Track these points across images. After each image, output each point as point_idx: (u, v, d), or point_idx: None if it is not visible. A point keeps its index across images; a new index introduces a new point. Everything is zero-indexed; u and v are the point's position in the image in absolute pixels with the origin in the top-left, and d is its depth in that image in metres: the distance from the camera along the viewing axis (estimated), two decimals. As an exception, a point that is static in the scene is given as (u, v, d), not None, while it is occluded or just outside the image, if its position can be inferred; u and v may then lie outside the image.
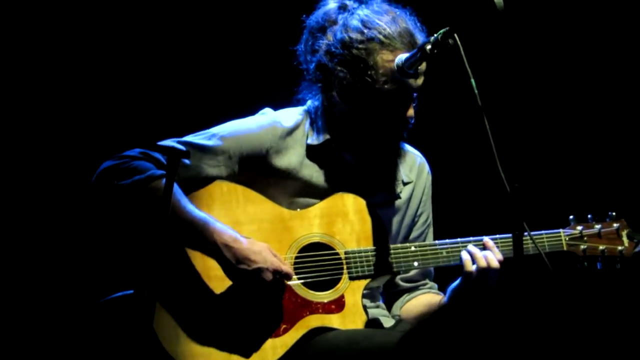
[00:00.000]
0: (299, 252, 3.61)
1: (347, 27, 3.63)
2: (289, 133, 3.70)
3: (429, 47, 3.34)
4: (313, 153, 3.71)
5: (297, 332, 3.53)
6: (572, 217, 3.86)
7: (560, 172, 5.09)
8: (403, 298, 3.89)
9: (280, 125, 3.69)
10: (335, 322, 3.56)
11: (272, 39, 4.61)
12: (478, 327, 3.39)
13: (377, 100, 3.59)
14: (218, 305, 3.50)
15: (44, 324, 4.51)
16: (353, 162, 3.73)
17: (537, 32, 5.04)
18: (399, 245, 3.70)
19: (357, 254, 3.63)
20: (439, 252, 3.70)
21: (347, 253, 3.63)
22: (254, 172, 3.65)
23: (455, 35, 3.23)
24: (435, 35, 3.33)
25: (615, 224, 3.86)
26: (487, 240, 3.69)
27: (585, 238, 3.83)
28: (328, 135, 3.69)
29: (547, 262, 3.28)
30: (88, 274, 4.56)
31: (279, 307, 3.55)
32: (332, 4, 3.72)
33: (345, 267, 3.62)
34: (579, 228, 3.84)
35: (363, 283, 3.63)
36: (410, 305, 3.86)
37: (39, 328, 4.51)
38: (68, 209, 4.60)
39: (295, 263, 3.60)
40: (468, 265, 3.63)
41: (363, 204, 3.68)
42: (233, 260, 3.47)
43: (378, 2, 3.68)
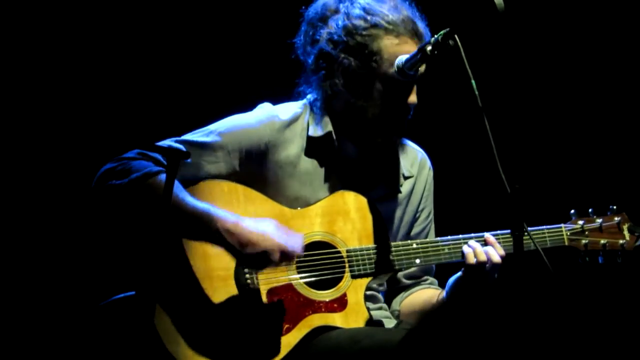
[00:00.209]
0: (301, 250, 3.61)
1: (349, 15, 3.63)
2: (288, 125, 3.69)
3: (430, 48, 3.34)
4: (313, 145, 3.70)
5: (299, 331, 3.53)
6: (573, 211, 3.87)
7: (561, 166, 5.09)
8: (403, 294, 3.89)
9: (279, 119, 3.68)
10: (338, 320, 3.57)
11: (269, 35, 4.59)
12: (478, 323, 3.41)
13: (381, 86, 3.59)
14: (220, 306, 3.50)
15: (46, 327, 4.52)
16: (354, 154, 3.73)
17: (537, 32, 5.03)
18: (400, 243, 3.70)
19: (358, 252, 3.63)
20: (441, 248, 3.71)
21: (349, 251, 3.63)
22: (254, 166, 3.64)
23: (456, 36, 3.23)
24: (436, 36, 3.32)
25: (617, 218, 3.87)
26: (488, 236, 3.70)
27: (587, 232, 3.83)
28: (330, 127, 3.69)
29: (546, 260, 3.27)
30: (89, 277, 4.56)
31: (282, 306, 3.55)
32: None
33: (347, 265, 3.62)
34: (580, 222, 3.84)
35: (365, 281, 3.63)
36: (410, 301, 3.87)
37: (41, 330, 4.51)
38: (70, 212, 4.60)
39: (297, 262, 3.59)
40: (470, 259, 3.63)
41: (364, 202, 3.67)
42: (237, 246, 3.46)
43: None
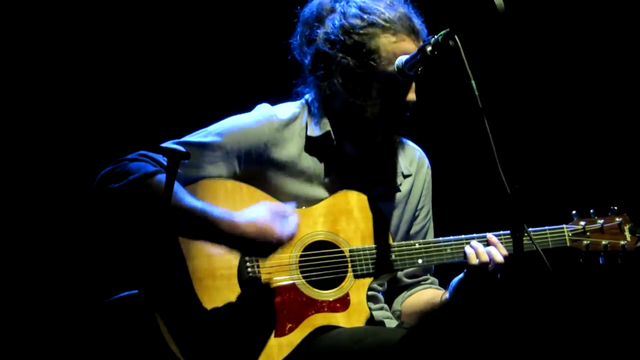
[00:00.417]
0: (304, 250, 3.62)
1: (345, 14, 3.65)
2: (286, 125, 3.69)
3: (430, 48, 3.34)
4: (312, 145, 3.71)
5: (302, 330, 3.54)
6: (574, 212, 3.87)
7: (563, 167, 5.09)
8: (404, 294, 3.89)
9: (277, 119, 3.69)
10: (341, 320, 3.58)
11: (267, 35, 4.59)
12: (479, 323, 3.42)
13: (380, 84, 3.61)
14: (224, 305, 3.51)
15: (51, 324, 4.54)
16: (353, 153, 3.74)
17: (537, 33, 5.03)
18: (403, 243, 3.71)
19: (361, 252, 3.64)
20: (443, 249, 3.72)
21: (351, 251, 3.64)
22: (254, 166, 3.64)
23: (456, 37, 3.23)
24: (436, 37, 3.33)
25: (618, 219, 3.87)
26: (490, 237, 3.70)
27: (588, 233, 3.84)
28: (328, 127, 3.69)
29: (546, 261, 3.28)
30: (92, 276, 4.58)
31: (284, 305, 3.57)
32: None
33: (350, 265, 3.63)
34: (582, 223, 3.85)
35: (368, 281, 3.64)
36: (411, 301, 3.87)
37: (46, 328, 4.53)
38: (72, 212, 4.61)
39: (300, 261, 3.61)
40: (472, 259, 3.63)
41: (366, 201, 3.69)
42: (236, 241, 3.45)
43: None
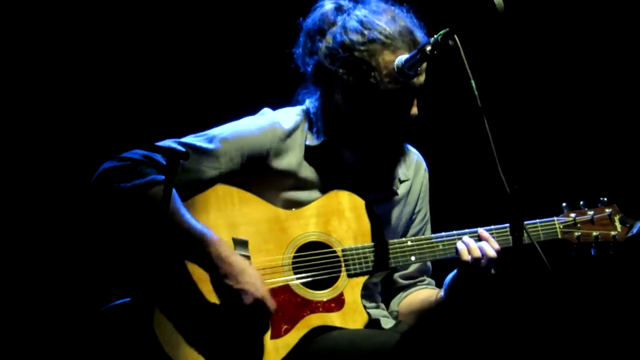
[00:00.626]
0: (297, 251, 3.60)
1: (346, 28, 3.59)
2: (289, 135, 3.67)
3: (429, 48, 3.32)
4: (311, 154, 3.68)
5: (298, 332, 3.52)
6: (564, 204, 3.88)
7: (551, 159, 5.11)
8: (401, 294, 3.89)
9: (280, 127, 3.66)
10: (336, 320, 3.56)
11: (270, 40, 4.55)
12: (476, 322, 3.42)
13: (381, 101, 3.57)
14: (219, 309, 3.48)
15: (46, 333, 4.49)
16: (351, 161, 3.72)
17: (536, 33, 5.03)
18: (396, 241, 3.70)
19: (354, 251, 3.63)
20: (435, 245, 3.71)
21: (344, 251, 3.63)
22: (254, 173, 3.62)
23: (456, 37, 3.22)
24: (435, 37, 3.31)
25: (608, 210, 3.88)
26: (482, 232, 3.70)
27: (579, 225, 3.85)
28: (327, 136, 3.67)
29: (543, 257, 3.29)
30: (88, 283, 4.52)
31: (279, 307, 3.53)
32: (328, 5, 3.68)
33: (343, 264, 3.62)
34: (572, 215, 3.85)
35: (362, 280, 3.63)
36: (408, 301, 3.86)
37: (41, 337, 4.49)
38: (69, 216, 4.56)
39: (294, 263, 3.59)
40: (464, 256, 3.63)
41: (358, 201, 3.67)
42: (222, 275, 3.43)
43: (375, 1, 3.65)
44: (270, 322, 3.51)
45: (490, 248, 3.64)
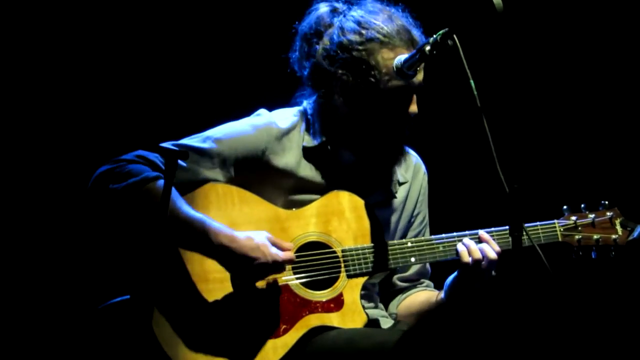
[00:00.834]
0: (296, 251, 3.59)
1: (343, 29, 3.60)
2: (285, 134, 3.67)
3: (428, 48, 3.32)
4: (309, 154, 3.69)
5: (297, 332, 3.52)
6: (565, 207, 3.87)
7: (553, 162, 5.10)
8: (399, 297, 3.88)
9: (276, 126, 3.66)
10: (335, 320, 3.56)
11: (267, 42, 4.56)
12: (475, 323, 3.41)
13: (381, 99, 3.57)
14: (218, 308, 3.48)
15: (45, 330, 4.50)
16: (350, 162, 3.72)
17: (535, 33, 5.03)
18: (396, 242, 3.69)
19: (354, 252, 3.62)
20: (436, 246, 3.70)
21: (344, 251, 3.62)
22: (250, 173, 3.62)
23: (455, 36, 3.21)
24: (435, 36, 3.31)
25: (609, 213, 3.87)
26: (482, 233, 3.69)
27: (580, 228, 3.84)
28: (325, 137, 3.67)
29: (543, 259, 3.27)
30: (86, 280, 4.54)
31: (278, 307, 3.54)
32: (323, 8, 3.68)
33: (343, 265, 3.61)
34: (573, 218, 3.84)
35: (361, 280, 3.62)
36: (407, 303, 3.86)
37: (40, 334, 4.50)
38: (68, 215, 4.56)
39: (293, 263, 3.58)
40: (465, 257, 3.62)
41: (358, 202, 3.66)
42: (232, 260, 3.45)
43: (371, 1, 3.66)
44: (270, 321, 3.52)
45: (491, 250, 3.63)
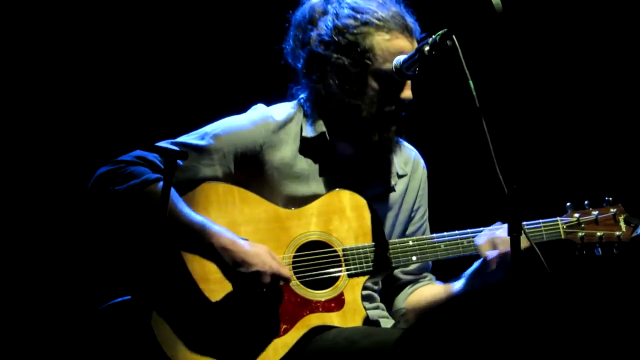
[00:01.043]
0: (297, 251, 3.59)
1: (338, 15, 3.62)
2: (282, 126, 3.67)
3: (427, 48, 3.32)
4: (307, 146, 3.68)
5: (297, 331, 3.52)
6: (569, 204, 3.84)
7: (556, 159, 5.09)
8: (405, 291, 3.87)
9: (273, 120, 3.66)
10: (336, 320, 3.55)
11: (261, 36, 4.53)
12: (476, 321, 3.40)
13: (375, 82, 3.57)
14: (218, 308, 3.48)
15: (45, 331, 4.50)
16: (348, 154, 3.70)
17: (534, 33, 5.01)
18: (397, 241, 3.68)
19: (355, 251, 3.62)
20: (437, 245, 3.69)
21: (345, 250, 3.62)
22: (250, 168, 3.62)
23: (454, 37, 3.20)
24: (434, 37, 3.30)
25: (612, 209, 3.84)
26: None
27: (583, 225, 3.81)
28: (323, 128, 3.66)
29: (542, 258, 3.26)
30: (87, 281, 4.54)
31: (279, 307, 3.53)
32: None
33: (344, 264, 3.61)
34: (576, 215, 3.81)
35: (362, 280, 3.61)
36: (415, 298, 3.84)
37: (40, 334, 4.50)
38: (69, 215, 4.56)
39: (294, 262, 3.58)
40: (486, 247, 3.62)
41: (360, 200, 3.65)
42: (231, 263, 3.46)
43: None
44: (270, 321, 3.51)
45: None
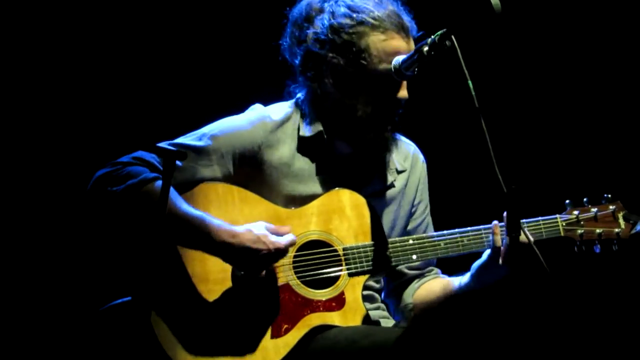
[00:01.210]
0: (297, 250, 3.59)
1: (334, 13, 3.61)
2: (279, 126, 3.66)
3: (426, 48, 3.32)
4: (305, 145, 3.68)
5: (298, 331, 3.52)
6: (568, 201, 3.85)
7: (555, 156, 5.09)
8: (412, 286, 3.87)
9: (270, 119, 3.66)
10: (336, 319, 3.56)
11: (258, 36, 4.55)
12: (476, 320, 3.41)
13: (371, 82, 3.57)
14: (218, 308, 3.48)
15: (46, 332, 4.51)
16: (346, 152, 3.70)
17: (534, 33, 5.01)
18: (397, 239, 3.69)
19: (355, 250, 3.62)
20: (437, 244, 3.70)
21: (345, 249, 3.62)
22: (249, 168, 3.62)
23: (453, 37, 3.20)
24: (433, 37, 3.30)
25: (611, 207, 3.85)
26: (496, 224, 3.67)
27: (582, 222, 3.81)
28: (320, 127, 3.66)
29: (540, 257, 3.26)
30: (87, 282, 4.54)
31: (280, 306, 3.53)
32: None
33: (344, 263, 3.61)
34: (576, 212, 3.82)
35: (362, 279, 3.61)
36: (424, 292, 3.84)
37: (41, 336, 4.50)
38: (69, 216, 4.56)
39: (294, 262, 3.58)
40: (498, 241, 3.62)
41: (359, 199, 3.65)
42: (235, 256, 3.45)
43: None
44: (271, 321, 3.52)
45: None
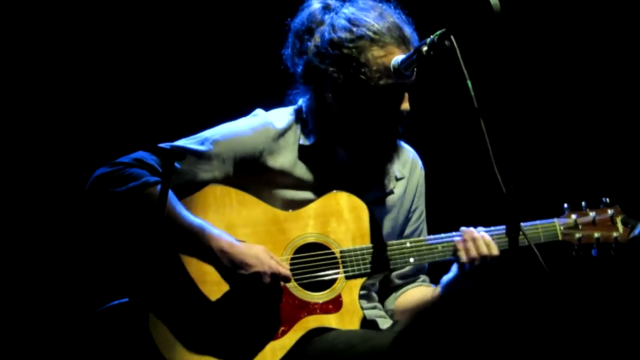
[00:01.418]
0: (295, 253, 3.59)
1: (334, 26, 3.59)
2: (282, 134, 3.66)
3: (425, 48, 3.31)
4: (305, 153, 3.68)
5: (295, 333, 3.51)
6: (566, 205, 3.84)
7: (553, 160, 5.09)
8: (395, 293, 3.87)
9: (273, 127, 3.65)
10: (333, 322, 3.55)
11: (261, 40, 4.54)
12: (471, 323, 3.40)
13: (372, 97, 3.56)
14: (215, 311, 3.48)
15: (43, 333, 4.50)
16: (345, 160, 3.70)
17: (533, 33, 5.02)
18: (394, 242, 3.68)
19: (352, 253, 3.61)
20: (434, 247, 3.69)
21: (342, 252, 3.61)
22: (248, 174, 3.61)
23: (452, 37, 3.19)
24: (432, 37, 3.29)
25: (610, 211, 3.84)
26: (483, 235, 3.67)
27: (580, 226, 3.81)
28: (321, 135, 3.66)
29: (541, 260, 3.25)
30: (84, 283, 4.53)
31: (277, 309, 3.53)
32: (316, 5, 3.67)
33: (342, 266, 3.60)
34: (574, 216, 3.81)
35: (360, 281, 3.61)
36: (403, 299, 3.85)
37: (38, 337, 4.50)
38: (67, 217, 4.56)
39: (291, 264, 3.57)
40: (462, 256, 3.62)
41: (357, 202, 3.65)
42: (230, 266, 3.45)
43: None
44: (268, 323, 3.51)
45: (486, 248, 3.62)
